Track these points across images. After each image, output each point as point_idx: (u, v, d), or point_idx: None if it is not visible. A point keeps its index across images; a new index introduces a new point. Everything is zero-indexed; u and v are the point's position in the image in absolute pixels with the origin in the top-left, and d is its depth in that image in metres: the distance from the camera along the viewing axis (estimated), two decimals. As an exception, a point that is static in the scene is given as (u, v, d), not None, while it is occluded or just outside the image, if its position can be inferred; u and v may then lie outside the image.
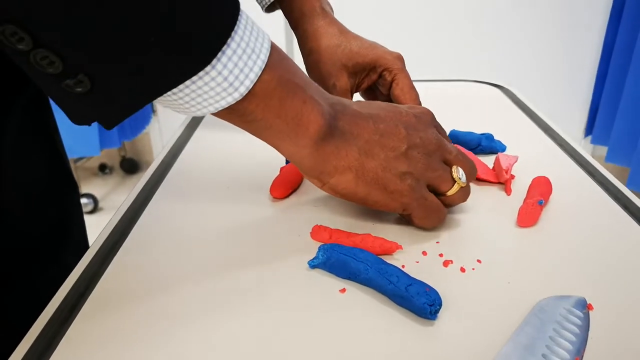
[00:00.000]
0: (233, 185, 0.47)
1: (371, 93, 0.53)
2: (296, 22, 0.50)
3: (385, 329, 0.30)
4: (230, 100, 0.29)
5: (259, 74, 0.29)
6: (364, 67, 0.49)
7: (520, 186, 0.45)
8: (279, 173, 0.46)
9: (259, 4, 0.51)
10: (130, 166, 2.24)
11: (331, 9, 0.51)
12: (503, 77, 0.77)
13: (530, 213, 0.40)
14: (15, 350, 0.29)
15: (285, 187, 0.45)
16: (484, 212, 0.42)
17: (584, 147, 1.85)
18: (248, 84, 0.29)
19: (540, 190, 0.42)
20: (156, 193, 0.46)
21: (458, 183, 0.38)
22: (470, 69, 1.77)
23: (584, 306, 0.31)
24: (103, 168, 2.25)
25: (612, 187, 0.46)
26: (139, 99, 0.27)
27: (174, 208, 0.44)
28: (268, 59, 0.30)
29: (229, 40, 0.28)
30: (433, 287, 0.31)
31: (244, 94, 0.29)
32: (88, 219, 0.56)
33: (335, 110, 0.35)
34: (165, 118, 2.04)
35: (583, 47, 1.75)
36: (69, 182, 0.51)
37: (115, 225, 0.41)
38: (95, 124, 0.28)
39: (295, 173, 0.46)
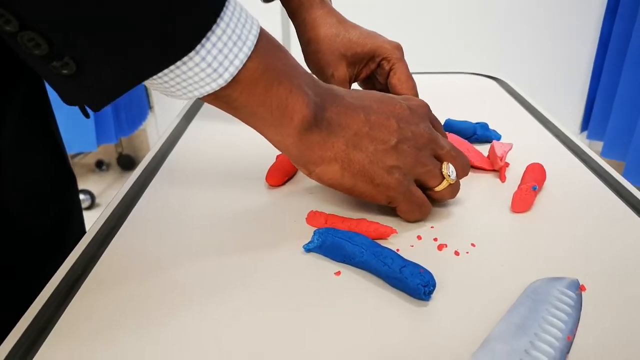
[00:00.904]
0: (229, 173, 0.47)
1: (369, 82, 0.53)
2: (294, 12, 0.50)
3: (380, 310, 0.30)
4: (214, 86, 0.29)
5: (244, 62, 0.29)
6: (362, 57, 0.49)
7: (515, 173, 0.45)
8: (275, 161, 0.46)
9: None
10: (127, 162, 2.24)
11: None
12: (500, 75, 0.77)
13: (524, 198, 0.40)
14: (5, 341, 0.29)
15: (280, 174, 0.45)
16: (479, 198, 0.42)
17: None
18: (232, 70, 0.29)
19: (535, 177, 0.42)
20: (153, 180, 0.46)
21: (447, 180, 0.38)
22: (468, 64, 1.77)
23: (577, 287, 0.31)
24: (100, 164, 2.25)
25: (605, 174, 0.46)
26: (123, 83, 0.27)
27: (170, 194, 0.44)
28: (255, 47, 0.30)
29: (213, 27, 0.27)
30: (427, 269, 0.32)
31: (228, 81, 0.29)
32: (85, 215, 0.56)
33: (323, 101, 0.35)
34: (162, 114, 2.04)
35: (578, 44, 1.75)
36: (69, 177, 0.51)
37: (114, 210, 0.41)
38: (92, 121, 0.29)
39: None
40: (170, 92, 0.30)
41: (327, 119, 0.35)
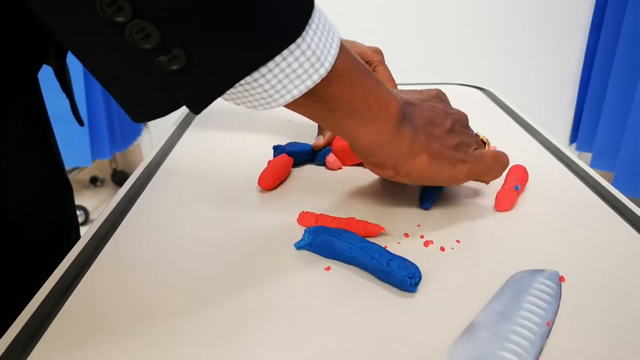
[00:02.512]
0: (223, 178, 0.49)
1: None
2: None
3: (368, 301, 0.31)
4: (316, 78, 0.28)
5: (338, 51, 0.29)
6: None
7: (499, 175, 0.47)
8: (266, 166, 0.47)
9: None
10: (121, 178, 2.24)
11: None
12: (490, 89, 0.80)
13: (507, 198, 0.42)
14: None
15: (272, 178, 0.46)
16: (464, 198, 0.44)
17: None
18: (331, 59, 0.28)
19: (517, 177, 0.44)
20: (149, 183, 0.48)
21: (487, 143, 0.43)
22: (455, 76, 1.80)
23: (557, 278, 0.33)
24: (94, 180, 2.25)
25: (583, 173, 0.48)
26: (231, 76, 0.26)
27: (166, 198, 0.45)
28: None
29: (313, 12, 0.27)
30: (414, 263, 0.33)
31: (329, 69, 0.29)
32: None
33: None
34: (156, 130, 2.05)
35: (566, 59, 1.79)
36: (67, 186, 0.52)
37: (109, 215, 0.42)
38: (87, 136, 0.28)
39: (283, 165, 0.48)
40: (266, 95, 0.28)
41: (406, 112, 0.36)
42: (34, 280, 0.44)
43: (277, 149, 0.51)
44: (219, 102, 0.30)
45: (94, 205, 2.06)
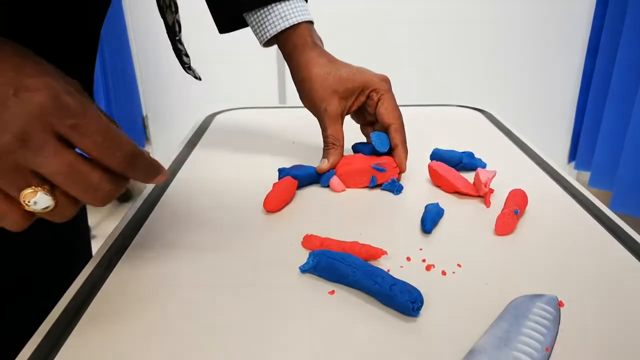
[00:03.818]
0: (229, 200, 0.50)
1: (360, 114, 0.56)
2: (289, 54, 0.54)
3: (371, 325, 0.32)
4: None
5: None
6: (353, 91, 0.53)
7: (499, 199, 0.48)
8: (272, 188, 0.49)
9: (258, 39, 0.55)
10: (124, 195, 2.25)
11: (321, 41, 0.55)
12: (489, 109, 0.81)
13: (506, 222, 0.43)
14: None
15: (278, 201, 0.47)
16: (465, 221, 0.45)
17: (568, 173, 1.90)
18: None
19: (516, 201, 0.45)
20: (158, 203, 0.49)
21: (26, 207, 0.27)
22: (455, 98, 1.83)
23: (556, 303, 0.34)
24: (96, 196, 2.26)
25: (584, 198, 0.49)
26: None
27: (173, 219, 0.46)
28: None
29: None
30: (416, 287, 0.34)
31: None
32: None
33: None
34: (158, 147, 2.07)
35: (563, 80, 1.82)
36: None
37: (120, 233, 0.43)
38: None
39: (287, 188, 0.49)
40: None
41: None
42: (42, 296, 0.45)
43: (282, 172, 0.52)
44: (226, 124, 0.31)
45: (96, 221, 2.06)
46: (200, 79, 0.56)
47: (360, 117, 0.56)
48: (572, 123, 1.86)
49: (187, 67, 0.55)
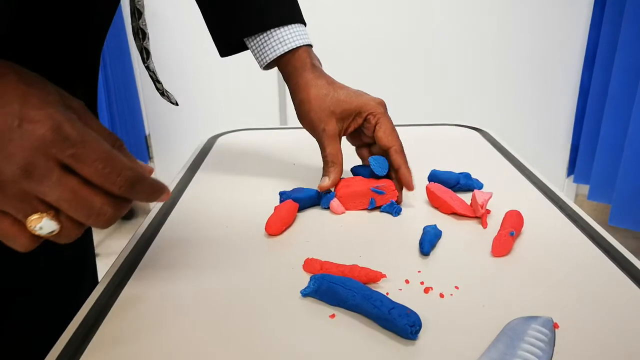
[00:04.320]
0: (231, 224, 0.51)
1: (357, 136, 0.57)
2: (289, 76, 0.56)
3: (371, 349, 0.33)
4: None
5: None
6: (350, 113, 0.54)
7: (496, 220, 0.49)
8: (273, 212, 0.50)
9: (258, 63, 0.56)
10: (127, 213, 2.26)
11: (320, 63, 0.57)
12: (488, 125, 0.83)
13: (503, 244, 0.44)
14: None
15: (279, 224, 0.48)
16: (462, 243, 0.46)
17: (567, 187, 1.91)
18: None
19: (512, 223, 0.46)
20: (161, 229, 0.50)
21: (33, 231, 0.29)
22: (452, 117, 1.85)
23: (551, 325, 0.34)
24: (98, 214, 2.27)
25: (579, 218, 0.50)
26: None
27: (175, 244, 0.47)
28: None
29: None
30: (414, 311, 0.35)
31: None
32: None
33: None
34: (161, 165, 2.09)
35: (561, 94, 1.85)
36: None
37: (127, 256, 0.44)
38: None
39: (289, 211, 0.50)
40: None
41: None
42: (50, 314, 0.46)
43: (283, 195, 0.53)
44: (228, 146, 0.32)
45: (99, 239, 2.07)
46: (176, 104, 0.58)
47: (356, 139, 0.58)
48: (571, 136, 1.87)
49: (160, 92, 0.56)
